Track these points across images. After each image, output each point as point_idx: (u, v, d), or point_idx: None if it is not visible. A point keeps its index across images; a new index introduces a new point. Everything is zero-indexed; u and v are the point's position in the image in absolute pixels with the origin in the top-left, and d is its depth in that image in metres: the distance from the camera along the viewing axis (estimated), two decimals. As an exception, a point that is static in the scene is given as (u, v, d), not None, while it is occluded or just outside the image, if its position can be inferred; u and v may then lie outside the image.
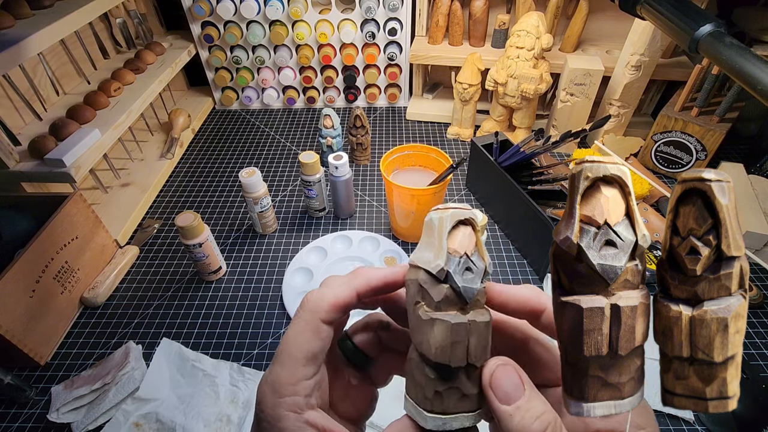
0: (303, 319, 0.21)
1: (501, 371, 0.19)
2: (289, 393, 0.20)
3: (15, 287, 0.55)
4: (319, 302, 0.21)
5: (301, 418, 0.20)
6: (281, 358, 0.20)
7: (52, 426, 0.54)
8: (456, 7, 0.99)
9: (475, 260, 0.19)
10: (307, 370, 0.20)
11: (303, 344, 0.20)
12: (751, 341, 0.63)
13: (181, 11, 1.01)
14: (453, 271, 0.19)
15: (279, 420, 0.19)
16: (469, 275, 0.19)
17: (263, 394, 0.20)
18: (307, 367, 0.20)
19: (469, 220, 0.20)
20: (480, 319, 0.19)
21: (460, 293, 0.19)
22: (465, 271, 0.19)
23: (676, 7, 0.55)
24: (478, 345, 0.19)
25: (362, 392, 0.24)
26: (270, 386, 0.20)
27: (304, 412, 0.20)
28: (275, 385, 0.20)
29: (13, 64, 0.64)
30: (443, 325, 0.18)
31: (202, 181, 0.93)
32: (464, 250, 0.19)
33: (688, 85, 0.83)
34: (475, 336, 0.19)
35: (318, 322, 0.21)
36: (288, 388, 0.20)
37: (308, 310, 0.21)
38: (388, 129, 1.09)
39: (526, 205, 0.68)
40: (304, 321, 0.21)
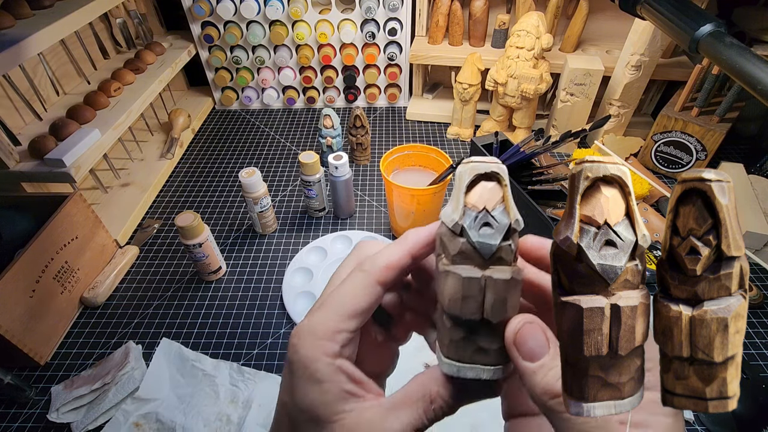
0: (358, 277, 0.21)
1: (527, 329, 0.19)
2: (328, 338, 0.20)
3: (15, 287, 0.55)
4: (374, 264, 0.21)
5: (335, 363, 0.20)
6: (327, 306, 0.21)
7: (52, 426, 0.54)
8: (456, 7, 0.99)
9: (496, 215, 0.19)
10: (350, 323, 0.21)
11: (353, 299, 0.21)
12: (751, 341, 0.62)
13: (181, 11, 1.01)
14: (468, 226, 0.19)
15: (314, 361, 0.20)
16: (488, 230, 0.19)
17: (300, 336, 0.20)
18: (351, 320, 0.21)
19: (492, 173, 0.19)
20: (498, 276, 0.18)
21: (476, 248, 0.19)
22: (483, 227, 0.19)
23: (676, 7, 0.55)
24: (495, 302, 0.19)
25: (386, 350, 0.26)
26: (309, 330, 0.20)
27: (337, 359, 0.20)
28: (315, 329, 0.20)
29: (13, 64, 0.64)
30: (454, 278, 0.19)
31: (202, 181, 0.93)
32: (483, 205, 0.19)
33: (688, 85, 0.83)
34: (492, 292, 0.19)
35: (373, 281, 0.21)
36: (328, 334, 0.20)
37: (364, 270, 0.21)
38: (388, 129, 1.09)
39: (526, 205, 0.68)
40: (359, 278, 0.21)
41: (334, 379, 0.20)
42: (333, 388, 0.20)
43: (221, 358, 0.61)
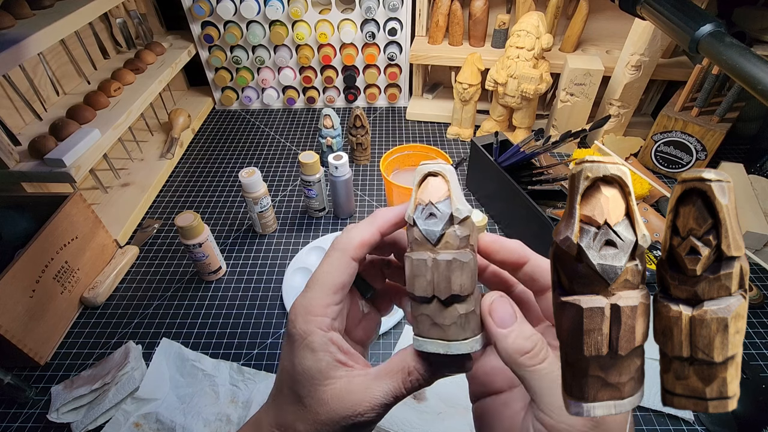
0: (335, 256, 0.25)
1: (498, 302, 0.23)
2: (319, 314, 0.24)
3: (15, 287, 0.55)
4: (349, 242, 0.25)
5: (327, 336, 0.24)
6: (315, 286, 0.25)
7: (52, 426, 0.54)
8: (456, 7, 0.99)
9: (440, 207, 0.22)
10: (335, 297, 0.25)
11: (334, 276, 0.25)
12: (751, 341, 0.63)
13: (181, 11, 1.01)
14: (416, 217, 0.22)
15: (309, 334, 0.24)
16: (432, 220, 0.22)
17: (297, 313, 0.24)
18: (335, 294, 0.25)
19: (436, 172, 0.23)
20: (442, 257, 0.21)
21: (423, 235, 0.22)
22: (428, 217, 0.22)
23: (676, 7, 0.55)
24: (440, 280, 0.22)
25: (370, 320, 0.30)
26: (303, 308, 0.24)
27: (329, 332, 0.24)
28: (308, 307, 0.24)
29: (13, 64, 0.64)
30: (408, 261, 0.22)
31: (202, 181, 0.93)
32: (428, 199, 0.22)
33: (688, 85, 0.83)
34: (437, 272, 0.21)
35: (348, 258, 0.25)
36: (319, 309, 0.24)
37: (339, 249, 0.25)
38: (388, 129, 1.09)
39: (526, 205, 0.68)
40: (336, 258, 0.25)
41: (326, 349, 0.24)
42: (326, 357, 0.24)
43: (221, 358, 0.61)
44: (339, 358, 0.24)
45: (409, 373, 0.24)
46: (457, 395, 0.55)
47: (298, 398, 0.24)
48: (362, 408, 0.23)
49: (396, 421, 0.53)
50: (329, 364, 0.24)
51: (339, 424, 0.23)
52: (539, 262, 0.25)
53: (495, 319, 0.22)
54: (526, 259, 0.25)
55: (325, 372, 0.23)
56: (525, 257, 0.25)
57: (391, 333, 0.64)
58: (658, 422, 0.54)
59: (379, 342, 0.63)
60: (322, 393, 0.23)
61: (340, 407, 0.23)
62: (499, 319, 0.22)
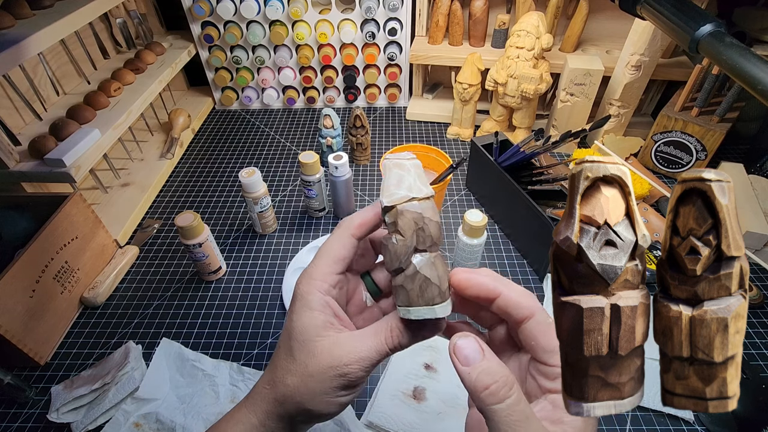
0: (337, 233, 0.29)
1: (462, 341, 0.24)
2: (320, 278, 0.28)
3: (15, 287, 0.55)
4: (351, 221, 0.29)
5: (324, 298, 0.28)
6: (318, 257, 0.29)
7: (52, 426, 0.54)
8: (456, 7, 0.99)
9: None
10: (335, 266, 0.28)
11: (335, 249, 0.29)
12: (751, 341, 0.62)
13: (181, 11, 1.01)
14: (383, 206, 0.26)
15: (309, 294, 0.27)
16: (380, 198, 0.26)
17: (302, 278, 0.28)
18: (335, 264, 0.28)
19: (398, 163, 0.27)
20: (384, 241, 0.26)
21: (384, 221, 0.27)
22: None
23: (676, 7, 0.55)
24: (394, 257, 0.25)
25: (371, 313, 0.32)
26: (308, 273, 0.28)
27: (326, 296, 0.28)
28: (311, 272, 0.28)
29: (13, 64, 0.64)
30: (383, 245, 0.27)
31: (202, 181, 0.93)
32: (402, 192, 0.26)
33: (688, 85, 0.83)
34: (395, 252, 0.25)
35: (348, 235, 0.29)
36: (320, 275, 0.28)
37: (342, 227, 0.29)
38: (388, 129, 1.09)
39: (526, 205, 0.68)
40: (337, 234, 0.29)
41: (321, 309, 0.27)
42: (320, 316, 0.27)
43: (221, 358, 0.61)
44: (331, 320, 0.27)
45: (391, 330, 0.26)
46: (457, 395, 0.55)
47: (290, 353, 0.27)
48: (348, 360, 0.25)
49: (396, 421, 0.53)
50: (323, 323, 0.27)
51: (326, 374, 0.26)
52: (511, 295, 0.26)
53: (459, 357, 0.24)
54: (496, 293, 0.27)
55: (318, 329, 0.26)
56: (496, 292, 0.27)
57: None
58: (658, 422, 0.54)
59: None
60: (312, 346, 0.26)
61: (327, 359, 0.26)
62: (462, 357, 0.24)
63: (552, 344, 0.25)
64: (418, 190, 0.26)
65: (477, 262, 0.68)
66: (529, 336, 0.26)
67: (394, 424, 0.53)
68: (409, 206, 0.25)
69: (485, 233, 0.65)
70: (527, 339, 0.26)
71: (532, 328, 0.26)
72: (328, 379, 0.25)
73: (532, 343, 0.26)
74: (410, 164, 0.27)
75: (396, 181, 0.26)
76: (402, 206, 0.25)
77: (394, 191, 0.26)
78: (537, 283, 0.71)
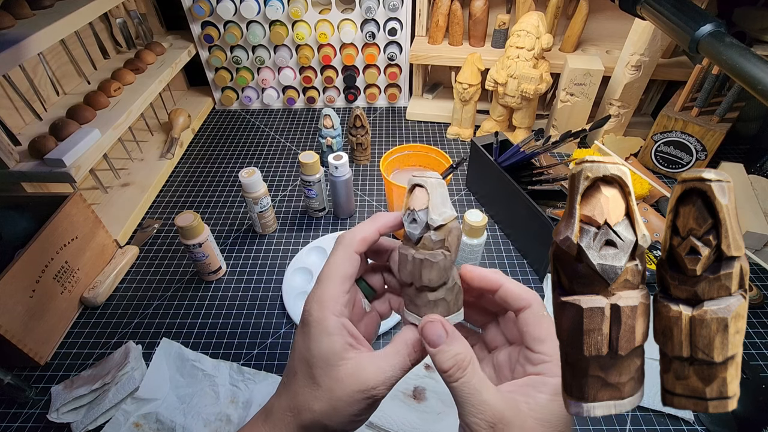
0: (339, 250, 0.29)
1: (429, 325, 0.26)
2: (332, 301, 0.27)
3: (15, 287, 0.55)
4: (352, 238, 0.29)
5: (339, 320, 0.27)
6: (325, 279, 0.28)
7: (52, 426, 0.54)
8: (456, 7, 0.99)
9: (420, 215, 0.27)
10: (343, 287, 0.28)
11: (341, 268, 0.28)
12: (751, 341, 0.63)
13: (181, 11, 1.01)
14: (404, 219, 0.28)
15: (324, 320, 0.27)
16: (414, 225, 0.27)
17: (312, 304, 0.28)
18: (343, 284, 0.28)
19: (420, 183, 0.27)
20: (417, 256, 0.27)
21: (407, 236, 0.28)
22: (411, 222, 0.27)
23: (676, 7, 0.55)
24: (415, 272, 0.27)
25: (371, 320, 0.33)
26: (318, 297, 0.28)
27: (341, 318, 0.27)
28: (322, 296, 0.27)
29: (13, 64, 0.64)
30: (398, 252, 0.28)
31: (202, 181, 0.93)
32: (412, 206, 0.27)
33: (688, 85, 0.83)
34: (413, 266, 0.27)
35: (351, 252, 0.29)
36: (331, 298, 0.27)
37: (344, 244, 0.29)
38: (388, 129, 1.09)
39: (526, 205, 0.68)
40: (341, 252, 0.29)
41: (340, 332, 0.27)
42: (339, 340, 0.27)
43: (221, 358, 0.61)
44: (349, 341, 0.27)
45: (413, 346, 0.27)
46: (457, 395, 0.55)
47: (312, 380, 0.27)
48: (374, 382, 0.26)
49: (396, 421, 0.53)
50: (343, 346, 0.26)
51: (353, 398, 0.26)
52: (510, 286, 0.29)
53: (426, 339, 0.26)
54: (498, 285, 0.29)
55: (340, 353, 0.26)
56: (498, 283, 0.29)
57: (391, 333, 0.64)
58: (658, 422, 0.54)
59: (379, 343, 0.63)
60: (336, 372, 0.26)
61: (354, 383, 0.26)
62: (429, 340, 0.26)
63: (540, 333, 0.27)
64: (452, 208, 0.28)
65: (477, 263, 0.68)
66: (523, 323, 0.28)
67: (394, 424, 0.53)
68: (455, 224, 0.27)
69: (485, 233, 0.65)
70: (521, 326, 0.28)
71: (527, 317, 0.28)
72: (356, 402, 0.26)
73: (524, 329, 0.28)
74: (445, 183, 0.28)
75: (442, 200, 0.27)
76: (451, 224, 0.27)
77: (443, 210, 0.27)
78: (537, 283, 0.71)
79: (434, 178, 0.28)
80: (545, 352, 0.27)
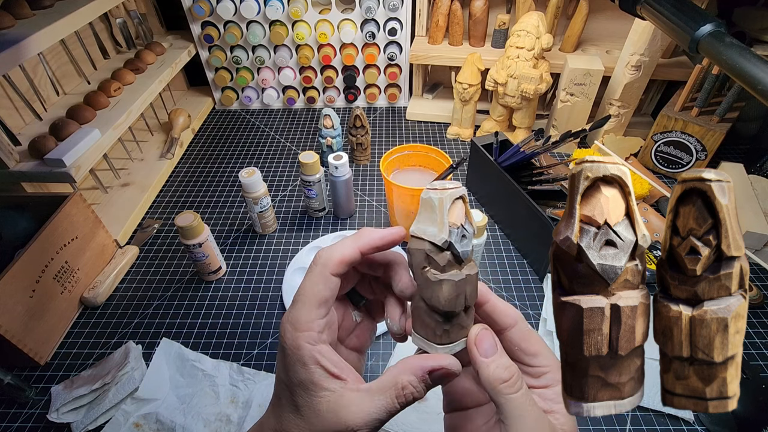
0: (316, 271, 0.26)
1: (483, 334, 0.25)
2: (305, 329, 0.25)
3: (15, 287, 0.55)
4: (329, 258, 0.26)
5: (315, 349, 0.25)
6: (299, 302, 0.26)
7: (52, 426, 0.54)
8: (456, 7, 0.99)
9: (467, 227, 0.25)
10: (319, 312, 0.26)
11: (316, 292, 0.26)
12: (751, 341, 0.62)
13: (181, 11, 1.01)
14: (453, 240, 0.24)
15: (298, 349, 0.25)
16: (465, 241, 0.25)
17: (285, 329, 0.26)
18: (319, 309, 0.26)
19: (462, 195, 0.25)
20: (472, 272, 0.25)
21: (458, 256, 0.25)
22: (461, 239, 0.25)
23: (676, 7, 0.55)
24: (472, 292, 0.25)
25: (364, 328, 0.32)
26: (291, 323, 0.25)
27: (317, 345, 0.25)
28: (295, 322, 0.25)
29: (13, 64, 0.64)
30: (449, 284, 0.24)
31: (202, 181, 0.93)
32: (459, 222, 0.25)
33: (688, 85, 0.83)
34: (470, 285, 0.25)
35: (328, 274, 0.26)
36: (305, 324, 0.25)
37: (320, 264, 0.26)
38: (388, 129, 1.09)
39: (526, 205, 0.68)
40: (317, 273, 0.26)
41: (316, 362, 0.25)
42: (317, 369, 0.25)
43: (221, 358, 0.61)
44: (331, 370, 0.25)
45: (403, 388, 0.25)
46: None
47: (296, 407, 0.25)
48: (355, 423, 0.24)
49: (396, 421, 0.53)
50: (321, 376, 0.25)
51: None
52: (497, 302, 0.28)
53: (479, 349, 0.25)
54: (486, 299, 0.28)
55: (318, 383, 0.24)
56: (485, 298, 0.28)
57: (391, 333, 0.64)
58: (658, 422, 0.54)
59: (379, 342, 0.63)
60: (317, 404, 0.24)
61: (334, 421, 0.24)
62: (483, 349, 0.25)
63: (534, 349, 0.27)
64: None
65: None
66: (512, 342, 0.28)
67: (394, 424, 0.53)
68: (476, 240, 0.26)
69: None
70: (511, 345, 0.28)
71: (515, 336, 0.27)
72: None
73: (516, 348, 0.27)
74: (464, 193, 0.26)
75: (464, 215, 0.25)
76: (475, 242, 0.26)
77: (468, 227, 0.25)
78: (537, 283, 0.71)
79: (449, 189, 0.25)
80: (543, 364, 0.27)
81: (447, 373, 0.25)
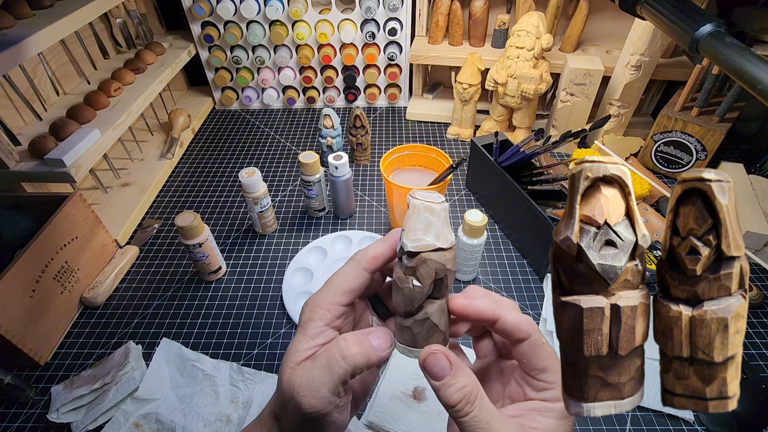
0: (349, 264, 0.29)
1: (431, 357, 0.25)
2: (324, 308, 0.27)
3: (15, 287, 0.55)
4: (364, 255, 0.29)
5: (323, 327, 0.27)
6: (326, 286, 0.28)
7: (52, 426, 0.54)
8: (456, 7, 0.99)
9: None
10: (342, 298, 0.28)
11: (345, 281, 0.28)
12: (751, 341, 0.62)
13: (181, 11, 1.01)
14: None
15: (309, 321, 0.27)
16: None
17: (306, 305, 0.28)
18: (343, 296, 0.28)
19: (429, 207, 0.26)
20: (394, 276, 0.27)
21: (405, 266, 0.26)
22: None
23: (676, 7, 0.55)
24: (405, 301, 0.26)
25: None
26: (313, 301, 0.28)
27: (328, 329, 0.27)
28: (316, 300, 0.28)
29: (13, 64, 0.64)
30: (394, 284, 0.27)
31: (202, 181, 0.93)
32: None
33: (688, 85, 0.83)
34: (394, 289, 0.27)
35: (360, 268, 0.28)
36: (325, 304, 0.27)
37: (355, 260, 0.29)
38: (388, 129, 1.09)
39: (526, 205, 0.68)
40: (350, 265, 0.29)
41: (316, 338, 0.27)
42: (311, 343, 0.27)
43: (221, 358, 0.61)
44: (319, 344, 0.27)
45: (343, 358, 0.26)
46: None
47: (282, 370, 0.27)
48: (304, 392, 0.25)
49: (396, 421, 0.53)
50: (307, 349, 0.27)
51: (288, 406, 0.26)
52: (509, 319, 0.27)
53: (429, 372, 0.25)
54: (496, 317, 0.28)
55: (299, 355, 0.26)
56: (495, 316, 0.27)
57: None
58: (658, 422, 0.54)
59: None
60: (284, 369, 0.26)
61: (287, 388, 0.26)
62: (432, 373, 0.25)
63: (542, 364, 0.27)
64: (445, 239, 0.25)
65: (477, 263, 0.68)
66: (522, 354, 0.27)
67: (394, 424, 0.53)
68: (434, 256, 0.25)
69: (485, 233, 0.65)
70: (520, 356, 0.28)
71: (525, 349, 0.27)
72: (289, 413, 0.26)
73: (524, 360, 0.27)
74: (440, 209, 0.26)
75: (424, 226, 0.25)
76: (426, 255, 0.25)
77: (420, 237, 0.25)
78: (537, 283, 0.71)
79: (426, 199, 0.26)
80: (548, 380, 0.26)
81: None
